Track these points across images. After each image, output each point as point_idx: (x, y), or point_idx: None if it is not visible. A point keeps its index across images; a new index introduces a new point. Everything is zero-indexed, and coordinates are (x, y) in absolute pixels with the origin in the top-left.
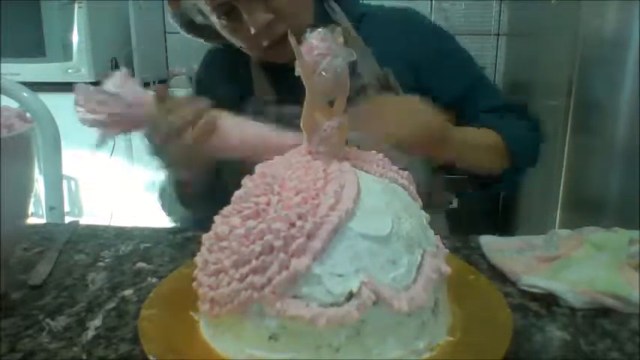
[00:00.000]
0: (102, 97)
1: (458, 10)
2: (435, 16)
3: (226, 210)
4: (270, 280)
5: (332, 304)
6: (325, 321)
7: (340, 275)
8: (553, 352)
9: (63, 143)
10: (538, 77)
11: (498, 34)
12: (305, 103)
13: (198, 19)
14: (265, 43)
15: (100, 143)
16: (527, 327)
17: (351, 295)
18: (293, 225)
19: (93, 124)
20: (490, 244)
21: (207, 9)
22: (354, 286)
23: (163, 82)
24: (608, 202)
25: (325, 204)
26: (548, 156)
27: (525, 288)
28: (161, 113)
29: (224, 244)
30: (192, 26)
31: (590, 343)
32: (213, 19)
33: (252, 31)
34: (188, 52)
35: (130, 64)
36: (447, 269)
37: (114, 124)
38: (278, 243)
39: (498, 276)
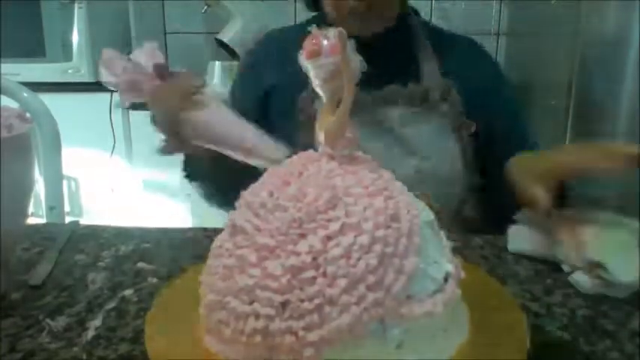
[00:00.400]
0: (124, 63)
1: (458, 10)
2: (435, 15)
3: (271, 242)
4: (388, 290)
5: (435, 291)
6: (442, 307)
7: (436, 262)
8: (553, 352)
9: (63, 143)
10: (538, 77)
11: (498, 34)
12: (324, 109)
13: None
14: (353, 4)
15: (122, 104)
16: (527, 327)
17: (447, 277)
18: (390, 227)
19: (112, 86)
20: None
21: None
22: (449, 267)
23: None
24: (608, 203)
25: (402, 200)
26: None
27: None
28: (157, 98)
29: (310, 274)
30: None
31: (590, 343)
32: None
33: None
34: (188, 52)
35: None
36: None
37: (129, 89)
38: (389, 250)
39: (499, 278)
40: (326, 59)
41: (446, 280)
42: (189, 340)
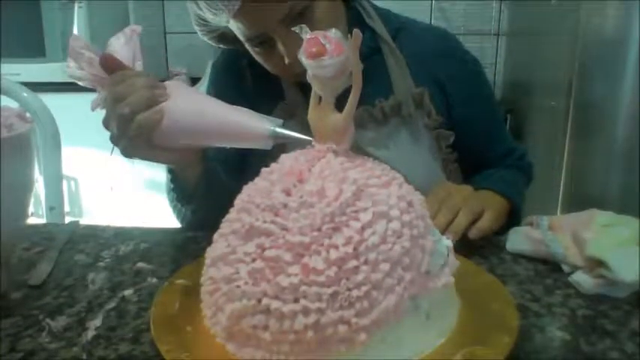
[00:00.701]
0: (91, 55)
1: (458, 10)
2: (434, 16)
3: (304, 239)
4: (418, 268)
5: (443, 265)
6: (453, 275)
7: (439, 240)
8: (553, 352)
9: (63, 143)
10: (538, 77)
11: (498, 34)
12: (324, 108)
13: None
14: (299, 70)
15: (94, 105)
16: (527, 327)
17: (448, 251)
18: (410, 212)
19: (79, 81)
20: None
21: (240, 36)
22: (448, 242)
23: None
24: (608, 203)
25: (407, 186)
26: (548, 156)
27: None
28: (110, 97)
29: (353, 263)
30: (223, 38)
31: (590, 343)
32: (247, 46)
33: (287, 61)
34: (188, 52)
35: None
36: None
37: (96, 85)
38: (415, 232)
39: (499, 278)
40: (331, 59)
41: (448, 254)
42: (204, 342)
